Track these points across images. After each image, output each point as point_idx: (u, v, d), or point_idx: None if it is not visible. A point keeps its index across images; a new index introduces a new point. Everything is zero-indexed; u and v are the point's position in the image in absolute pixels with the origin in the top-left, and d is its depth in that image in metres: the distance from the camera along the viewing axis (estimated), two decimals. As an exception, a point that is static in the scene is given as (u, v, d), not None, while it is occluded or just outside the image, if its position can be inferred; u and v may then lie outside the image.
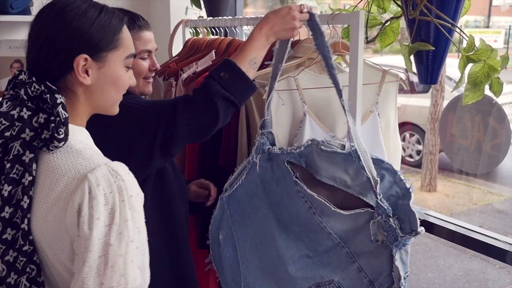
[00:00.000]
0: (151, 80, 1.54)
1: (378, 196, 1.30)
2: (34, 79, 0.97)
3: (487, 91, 1.50)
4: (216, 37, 2.19)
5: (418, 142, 6.68)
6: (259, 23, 1.37)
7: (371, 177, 1.31)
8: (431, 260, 4.31)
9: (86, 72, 1.01)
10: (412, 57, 1.54)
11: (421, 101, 6.36)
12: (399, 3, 1.54)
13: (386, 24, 1.64)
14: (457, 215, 5.19)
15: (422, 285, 3.92)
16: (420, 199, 5.73)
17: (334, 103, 1.61)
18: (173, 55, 2.33)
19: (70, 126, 0.98)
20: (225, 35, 2.28)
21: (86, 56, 1.00)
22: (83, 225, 0.91)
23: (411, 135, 6.69)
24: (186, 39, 2.36)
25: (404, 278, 1.32)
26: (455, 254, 4.40)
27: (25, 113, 0.96)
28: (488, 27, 13.41)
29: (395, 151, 1.75)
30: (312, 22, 1.41)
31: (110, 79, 1.05)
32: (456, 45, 1.50)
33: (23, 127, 0.95)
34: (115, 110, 1.12)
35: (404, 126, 6.52)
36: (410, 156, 6.77)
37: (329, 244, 1.39)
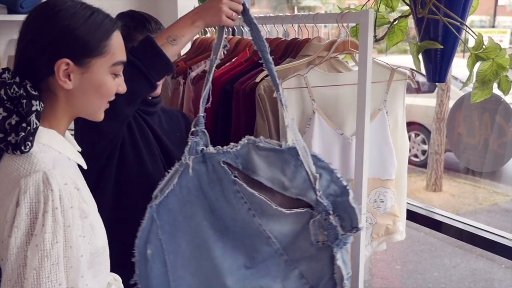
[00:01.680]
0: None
1: (317, 192, 1.27)
2: (17, 79, 0.96)
3: (495, 90, 1.51)
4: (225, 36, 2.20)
5: (424, 142, 6.68)
6: None
7: (310, 174, 1.28)
8: (437, 259, 4.31)
9: (68, 76, 0.99)
10: (419, 56, 1.55)
11: (427, 101, 6.36)
12: (407, 1, 1.55)
13: (394, 23, 1.65)
14: (463, 215, 5.18)
15: (428, 285, 3.92)
16: (426, 199, 5.73)
17: (342, 101, 1.62)
18: (181, 54, 2.35)
19: (39, 128, 0.96)
20: (233, 34, 2.30)
21: (68, 60, 0.97)
22: (3, 231, 0.89)
23: (417, 135, 6.69)
24: (194, 38, 2.37)
25: (347, 279, 1.29)
26: (461, 254, 4.40)
27: (0, 113, 0.95)
28: (493, 26, 13.36)
29: (403, 149, 1.75)
30: (246, 16, 1.38)
31: (93, 85, 1.02)
32: (464, 43, 1.51)
33: None
34: (100, 116, 1.09)
35: (409, 126, 6.51)
36: (416, 156, 6.77)
37: (268, 250, 1.33)
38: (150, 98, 1.58)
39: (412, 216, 1.84)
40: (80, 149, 1.11)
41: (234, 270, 1.34)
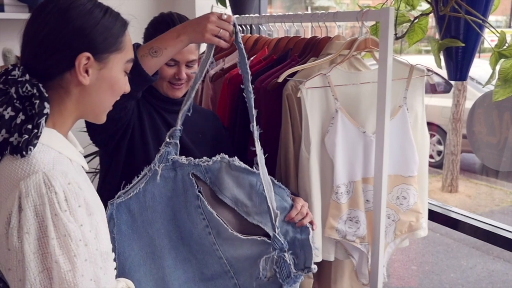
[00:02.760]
0: (177, 86, 1.58)
1: (276, 230, 1.31)
2: (27, 77, 0.93)
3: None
4: (242, 35, 2.21)
5: (439, 143, 6.63)
6: None
7: (271, 210, 1.32)
8: (453, 260, 4.28)
9: (86, 71, 0.97)
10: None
11: (442, 101, 6.31)
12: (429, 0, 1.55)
13: (415, 21, 1.64)
14: (480, 216, 5.13)
15: (444, 286, 3.89)
16: (441, 200, 5.68)
17: (364, 99, 1.62)
18: (200, 52, 2.36)
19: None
20: (250, 33, 2.31)
21: (89, 54, 0.96)
22: (12, 238, 0.85)
23: (432, 136, 6.64)
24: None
25: None
26: (478, 255, 4.36)
27: (8, 113, 0.91)
28: (510, 27, 13.21)
29: (423, 146, 1.75)
30: (236, 38, 1.38)
31: (109, 81, 1.01)
32: (487, 41, 1.50)
33: (0, 126, 0.91)
34: (104, 118, 1.08)
35: (425, 126, 6.46)
36: (431, 156, 6.72)
37: (218, 270, 1.35)
38: (166, 96, 1.60)
39: (429, 214, 1.83)
40: (82, 150, 1.09)
41: (182, 282, 1.36)
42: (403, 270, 4.08)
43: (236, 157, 1.38)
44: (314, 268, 1.35)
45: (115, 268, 1.06)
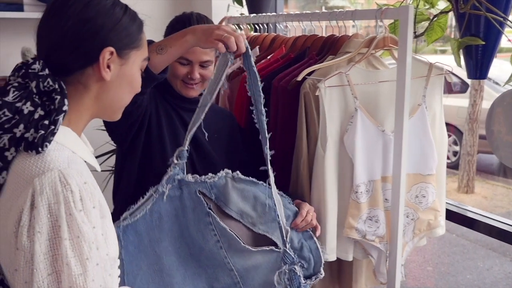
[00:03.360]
0: (190, 85, 1.59)
1: (287, 244, 1.36)
2: (47, 71, 0.91)
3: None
4: (259, 33, 2.22)
5: (455, 143, 6.57)
6: None
7: (282, 226, 1.36)
8: (469, 262, 4.24)
9: (108, 67, 0.96)
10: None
11: (459, 101, 6.25)
12: (449, -3, 1.54)
13: (434, 19, 1.63)
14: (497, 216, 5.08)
15: (460, 287, 3.86)
16: (457, 201, 5.62)
17: (383, 98, 1.62)
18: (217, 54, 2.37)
19: None
20: (266, 32, 2.31)
21: (112, 49, 0.95)
22: (22, 236, 0.81)
23: (448, 136, 6.55)
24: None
25: None
26: (495, 257, 4.32)
27: (27, 107, 0.88)
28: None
29: (441, 145, 1.74)
30: (246, 59, 1.33)
31: (128, 78, 1.01)
32: (509, 39, 1.49)
33: (19, 121, 0.87)
34: (119, 116, 1.07)
35: (441, 126, 6.40)
36: (447, 157, 6.65)
37: (228, 282, 1.37)
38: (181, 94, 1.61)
39: (446, 214, 1.81)
40: (93, 150, 1.07)
41: None
42: (419, 271, 4.05)
43: (238, 172, 1.42)
44: (322, 274, 1.41)
45: (119, 276, 1.03)
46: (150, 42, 1.35)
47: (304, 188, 1.64)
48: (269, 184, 1.37)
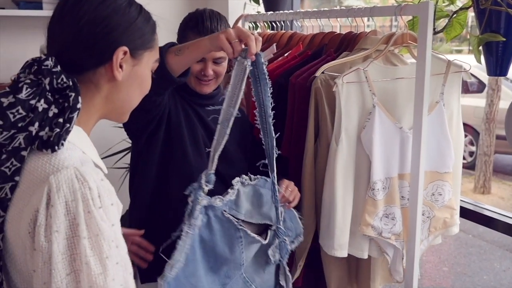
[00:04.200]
0: (204, 82, 1.60)
1: (280, 223, 1.45)
2: (59, 68, 0.88)
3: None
4: (276, 31, 2.22)
5: (471, 143, 6.50)
6: None
7: (279, 209, 1.44)
8: (486, 262, 4.20)
9: (121, 66, 0.94)
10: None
11: (475, 101, 6.19)
12: (469, -7, 1.53)
13: (453, 16, 1.62)
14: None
15: (477, 288, 3.83)
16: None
17: (401, 95, 1.61)
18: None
19: None
20: (282, 29, 2.31)
21: (126, 49, 0.93)
22: (39, 236, 0.78)
23: (464, 136, 6.50)
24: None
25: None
26: (512, 258, 4.27)
27: (41, 105, 0.85)
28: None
29: (458, 143, 1.73)
30: (261, 69, 1.27)
31: (139, 79, 0.98)
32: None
33: (33, 119, 0.84)
34: (127, 117, 1.04)
35: (457, 126, 6.33)
36: (463, 157, 6.59)
37: (237, 274, 1.42)
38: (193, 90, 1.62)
39: (462, 213, 1.80)
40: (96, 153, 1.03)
41: None
42: (434, 271, 4.02)
43: (244, 176, 1.46)
44: (301, 237, 1.54)
45: None
46: (172, 45, 1.37)
47: (306, 181, 1.66)
48: (268, 176, 1.42)
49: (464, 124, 1.75)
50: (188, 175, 1.50)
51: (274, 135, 1.36)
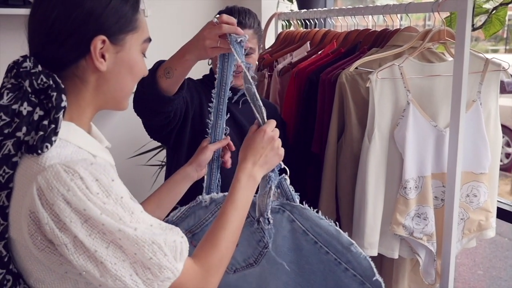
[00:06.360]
0: (236, 74, 1.57)
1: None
2: (40, 68, 0.85)
3: None
4: (310, 29, 2.21)
5: (508, 145, 6.34)
6: None
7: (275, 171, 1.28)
8: (523, 267, 4.09)
9: (103, 56, 0.89)
10: None
11: (512, 102, 6.04)
12: (509, -11, 1.49)
13: (493, 12, 1.58)
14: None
15: (513, 293, 3.72)
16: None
17: (436, 92, 1.58)
18: (266, 47, 2.38)
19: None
20: (315, 27, 2.29)
21: (104, 37, 0.88)
22: (54, 234, 0.79)
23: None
24: (278, 32, 2.39)
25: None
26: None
27: (25, 108, 0.83)
28: None
29: (496, 143, 1.68)
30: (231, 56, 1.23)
31: (128, 64, 0.93)
32: None
33: (20, 124, 0.83)
34: (125, 105, 0.99)
35: (493, 127, 6.19)
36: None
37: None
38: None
39: (499, 214, 1.75)
40: (109, 145, 1.02)
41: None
42: (469, 274, 3.94)
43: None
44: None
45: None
46: (159, 64, 1.33)
47: (327, 176, 1.64)
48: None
49: (501, 125, 1.71)
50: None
51: (226, 116, 1.33)
